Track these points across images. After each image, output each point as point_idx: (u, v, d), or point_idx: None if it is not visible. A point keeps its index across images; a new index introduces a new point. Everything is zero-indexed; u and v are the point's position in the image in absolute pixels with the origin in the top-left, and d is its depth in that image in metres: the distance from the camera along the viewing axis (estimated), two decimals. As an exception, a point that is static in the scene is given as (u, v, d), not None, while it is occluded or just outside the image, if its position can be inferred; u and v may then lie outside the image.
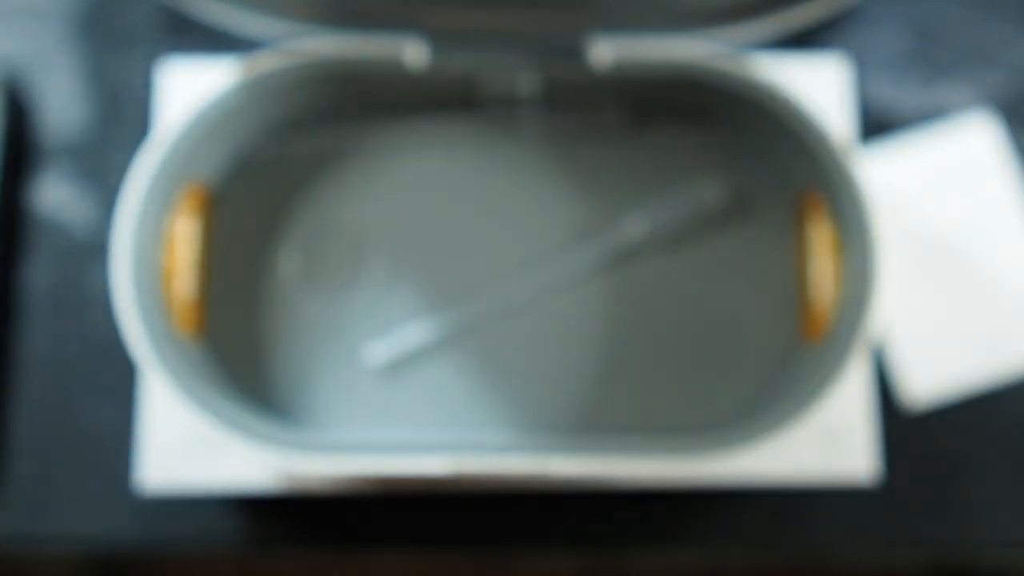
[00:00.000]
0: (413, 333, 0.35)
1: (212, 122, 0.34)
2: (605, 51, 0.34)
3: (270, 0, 0.34)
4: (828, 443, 0.35)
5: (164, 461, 0.35)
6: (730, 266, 0.36)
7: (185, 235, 0.35)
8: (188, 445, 0.35)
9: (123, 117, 0.46)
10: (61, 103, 0.46)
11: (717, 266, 0.36)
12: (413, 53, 0.35)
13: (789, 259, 0.35)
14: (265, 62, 0.34)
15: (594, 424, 0.34)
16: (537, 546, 0.42)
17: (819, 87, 0.37)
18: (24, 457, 0.42)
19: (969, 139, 0.44)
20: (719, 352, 0.35)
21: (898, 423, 0.42)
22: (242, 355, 0.35)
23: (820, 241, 0.35)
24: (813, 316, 0.34)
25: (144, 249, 0.33)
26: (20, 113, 0.46)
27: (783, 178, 0.36)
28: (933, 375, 0.42)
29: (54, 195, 0.45)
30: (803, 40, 0.46)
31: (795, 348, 0.35)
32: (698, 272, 0.36)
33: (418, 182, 0.36)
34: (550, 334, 0.35)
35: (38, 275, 0.44)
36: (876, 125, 0.46)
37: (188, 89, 0.35)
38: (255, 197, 0.36)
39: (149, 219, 0.33)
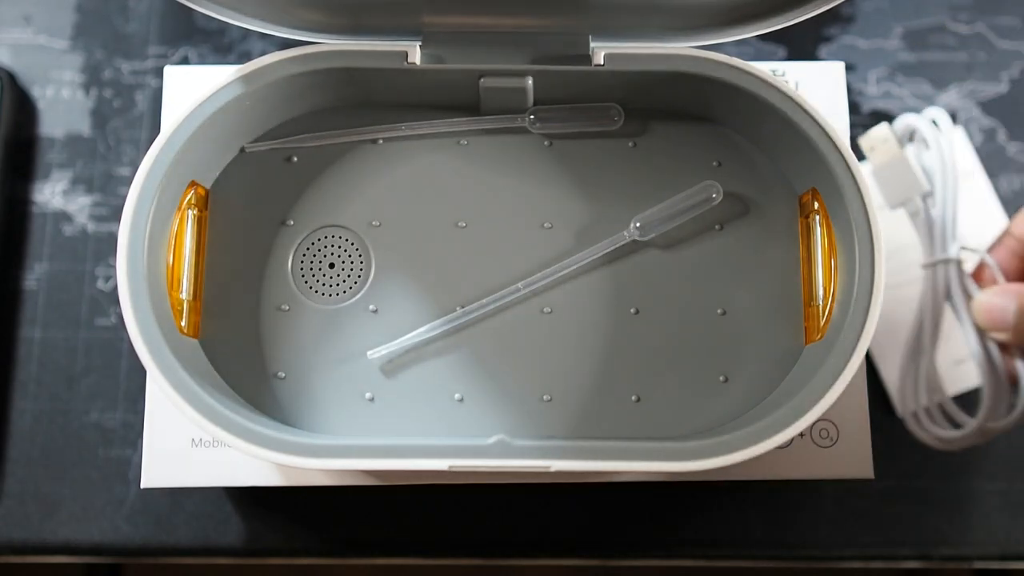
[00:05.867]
0: (412, 332, 0.35)
1: (215, 123, 0.34)
2: (607, 53, 0.35)
3: (273, 7, 0.34)
4: (828, 443, 0.35)
5: (165, 461, 0.35)
6: (732, 266, 0.36)
7: (187, 235, 0.35)
8: (189, 445, 0.35)
9: (127, 118, 0.46)
10: (65, 104, 0.46)
11: (719, 266, 0.36)
12: (414, 56, 0.35)
13: (790, 259, 0.36)
14: (267, 64, 0.34)
15: (594, 424, 0.34)
16: (537, 545, 0.42)
17: (816, 90, 0.38)
18: (24, 457, 0.42)
19: (955, 142, 0.45)
20: (720, 352, 0.35)
21: (896, 422, 0.42)
22: (242, 355, 0.35)
23: (821, 241, 0.35)
24: (814, 316, 0.35)
25: (147, 249, 0.33)
26: (24, 114, 0.46)
27: (784, 178, 0.36)
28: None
29: (57, 195, 0.45)
30: (800, 44, 0.47)
31: (796, 347, 0.35)
32: (699, 272, 0.36)
33: (419, 182, 0.36)
34: (551, 333, 0.35)
35: (39, 275, 0.44)
36: (869, 128, 0.46)
37: (192, 90, 0.35)
38: (255, 197, 0.36)
39: (152, 219, 0.33)
